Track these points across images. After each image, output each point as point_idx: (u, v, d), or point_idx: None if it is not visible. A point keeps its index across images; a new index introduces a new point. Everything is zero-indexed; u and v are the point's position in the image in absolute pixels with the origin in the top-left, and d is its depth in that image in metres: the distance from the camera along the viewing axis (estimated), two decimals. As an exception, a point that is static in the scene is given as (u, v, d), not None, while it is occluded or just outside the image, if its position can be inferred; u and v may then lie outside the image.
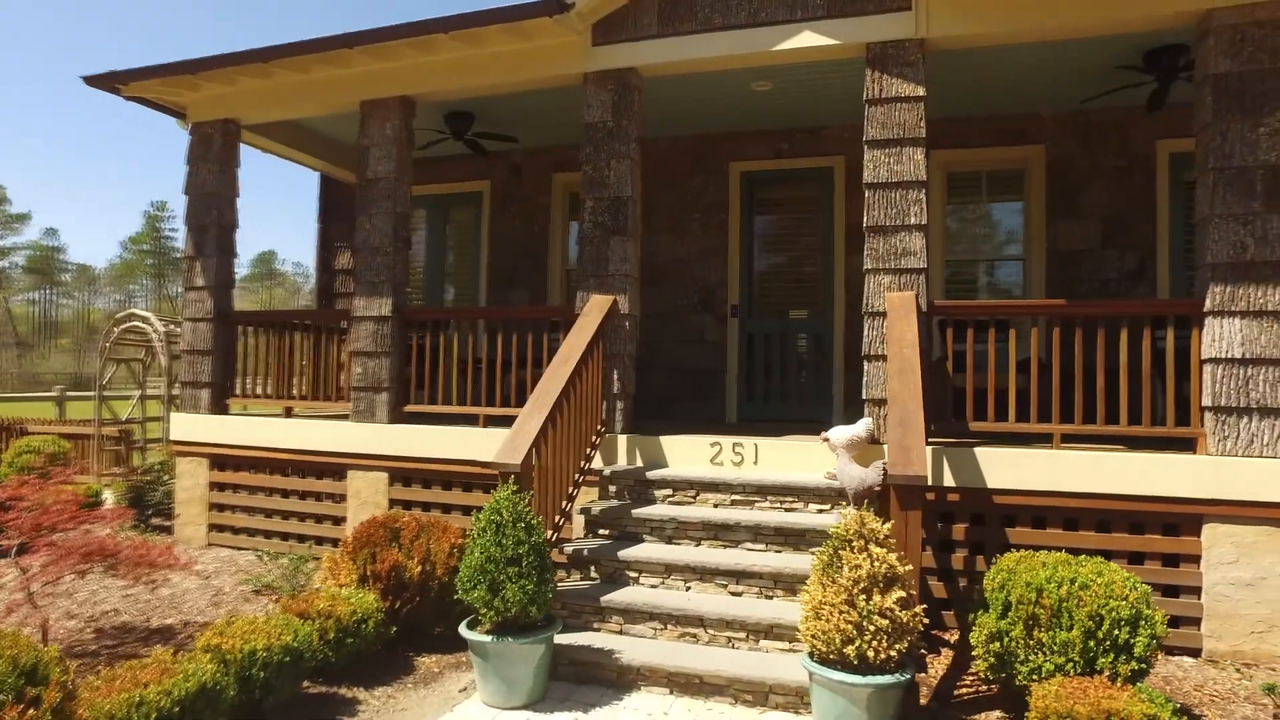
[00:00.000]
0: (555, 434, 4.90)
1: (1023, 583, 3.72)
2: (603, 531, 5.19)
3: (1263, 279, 4.71)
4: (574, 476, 5.26)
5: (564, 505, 5.07)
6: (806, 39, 5.54)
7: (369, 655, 4.37)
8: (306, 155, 8.66)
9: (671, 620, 4.39)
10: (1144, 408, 4.98)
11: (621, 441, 5.82)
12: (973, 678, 4.29)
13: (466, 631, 3.98)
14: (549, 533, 4.71)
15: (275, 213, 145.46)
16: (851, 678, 3.35)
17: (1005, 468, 4.93)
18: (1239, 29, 4.79)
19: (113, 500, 7.88)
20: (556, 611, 4.39)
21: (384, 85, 6.63)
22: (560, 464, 5.01)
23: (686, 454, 5.68)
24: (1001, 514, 5.00)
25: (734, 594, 4.57)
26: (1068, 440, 5.12)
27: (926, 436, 4.54)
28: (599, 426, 5.75)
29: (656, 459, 5.73)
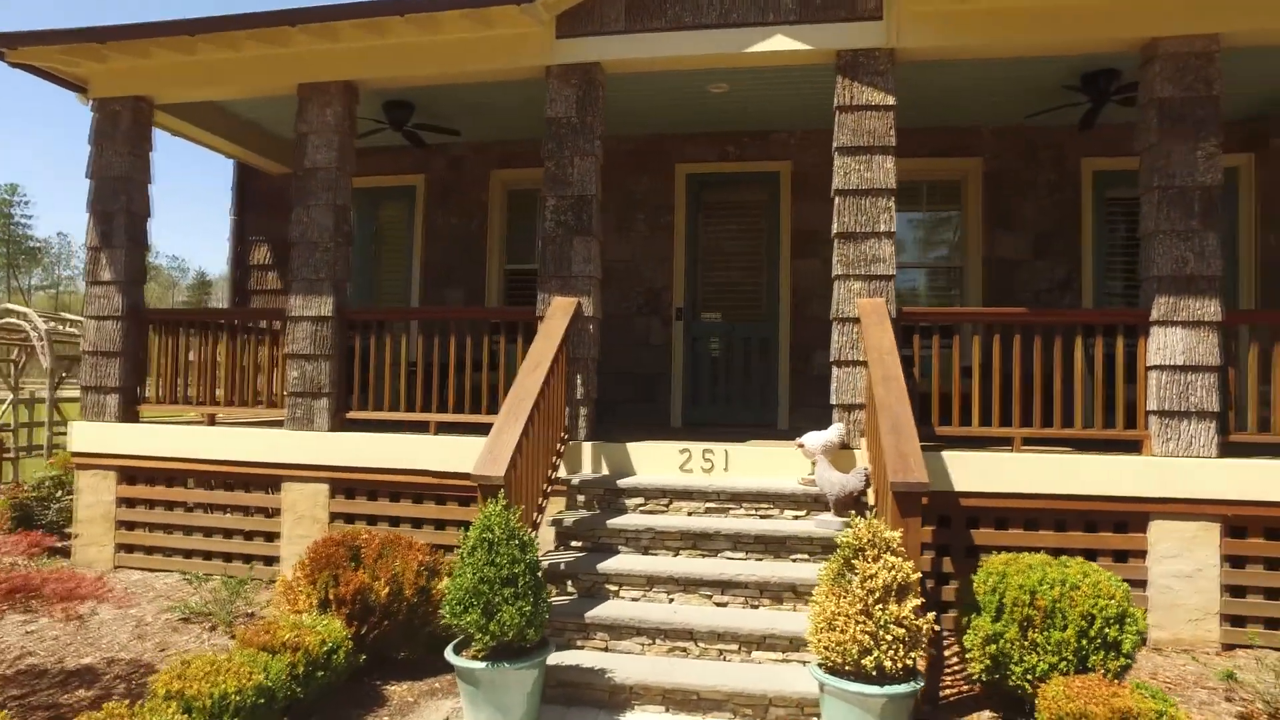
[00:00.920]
0: (528, 443, 4.67)
1: (1016, 585, 3.81)
2: (575, 544, 4.99)
3: (1200, 291, 5.06)
4: (543, 487, 5.04)
5: (535, 517, 4.85)
6: (778, 43, 5.52)
7: (338, 687, 4.01)
8: (224, 141, 7.91)
9: (659, 634, 4.25)
10: (1096, 412, 5.25)
11: (587, 449, 5.63)
12: (954, 678, 4.38)
13: (454, 657, 3.70)
14: (526, 547, 4.46)
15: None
16: (869, 689, 3.32)
17: (971, 471, 5.08)
18: (1181, 58, 5.12)
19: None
20: (541, 630, 4.17)
21: (326, 68, 6.14)
22: (531, 474, 4.78)
23: (654, 461, 5.56)
24: (967, 516, 5.14)
25: (719, 605, 4.48)
26: (1028, 443, 5.33)
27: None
28: (563, 434, 5.55)
29: (623, 467, 5.58)
